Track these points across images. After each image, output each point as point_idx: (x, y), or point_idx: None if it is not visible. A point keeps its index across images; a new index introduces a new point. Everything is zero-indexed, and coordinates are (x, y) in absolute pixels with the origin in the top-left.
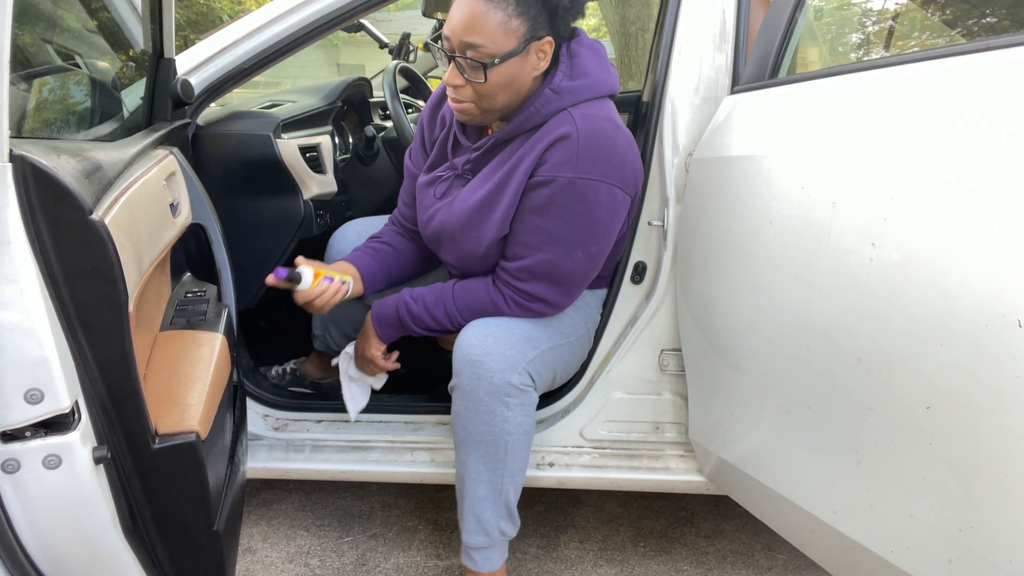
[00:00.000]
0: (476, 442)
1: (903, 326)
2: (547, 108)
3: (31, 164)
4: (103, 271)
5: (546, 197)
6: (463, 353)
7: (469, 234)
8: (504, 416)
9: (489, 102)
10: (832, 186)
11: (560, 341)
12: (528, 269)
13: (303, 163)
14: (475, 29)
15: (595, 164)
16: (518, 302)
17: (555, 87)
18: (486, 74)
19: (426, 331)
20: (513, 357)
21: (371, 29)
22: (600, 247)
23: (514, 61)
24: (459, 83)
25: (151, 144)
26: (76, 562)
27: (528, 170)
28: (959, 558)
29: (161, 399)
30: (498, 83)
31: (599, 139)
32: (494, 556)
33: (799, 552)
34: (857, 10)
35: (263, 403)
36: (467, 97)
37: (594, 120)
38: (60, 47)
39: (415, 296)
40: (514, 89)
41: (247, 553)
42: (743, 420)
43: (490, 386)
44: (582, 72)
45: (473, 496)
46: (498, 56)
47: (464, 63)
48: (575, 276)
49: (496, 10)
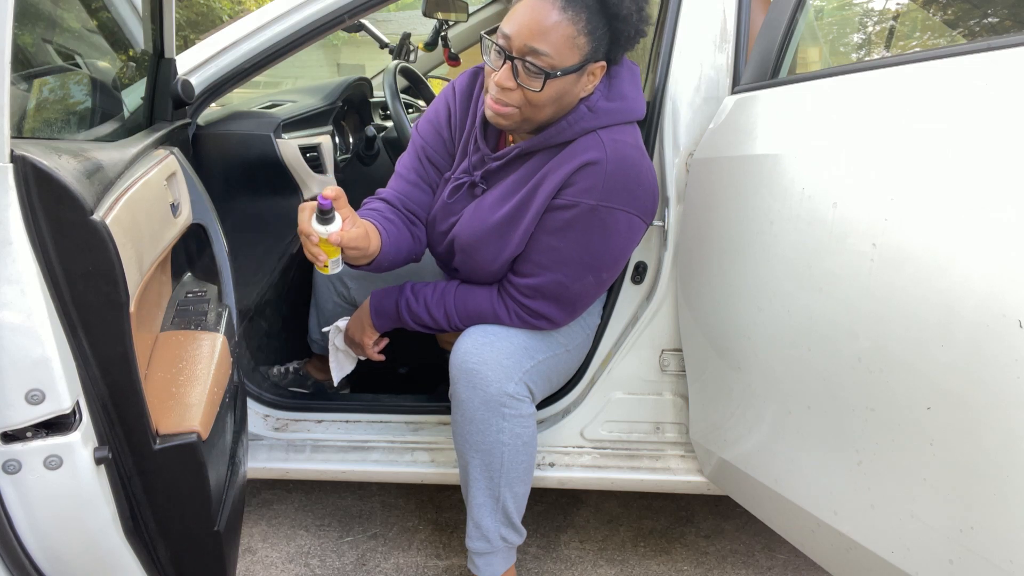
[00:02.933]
0: (473, 450)
1: (904, 326)
2: (579, 126)
3: (32, 164)
4: (104, 271)
5: (565, 220)
6: (459, 361)
7: (486, 249)
8: (499, 427)
9: (534, 112)
10: (833, 186)
11: (558, 351)
12: (537, 288)
13: (303, 163)
14: (545, 37)
15: (619, 193)
16: (521, 316)
17: (591, 105)
18: (544, 83)
19: (422, 328)
20: (510, 367)
21: (371, 29)
22: (611, 273)
23: (570, 78)
24: (511, 86)
25: (152, 144)
26: (77, 562)
27: (552, 191)
28: (960, 558)
29: (162, 399)
30: (550, 96)
31: (626, 168)
32: (496, 563)
33: (799, 552)
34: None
35: (264, 403)
36: (515, 102)
37: (623, 147)
38: (60, 47)
39: (416, 292)
40: (560, 105)
41: (247, 553)
42: (744, 420)
43: (486, 396)
44: (620, 95)
45: (472, 502)
46: (560, 69)
47: (522, 67)
48: (582, 298)
49: (569, 23)
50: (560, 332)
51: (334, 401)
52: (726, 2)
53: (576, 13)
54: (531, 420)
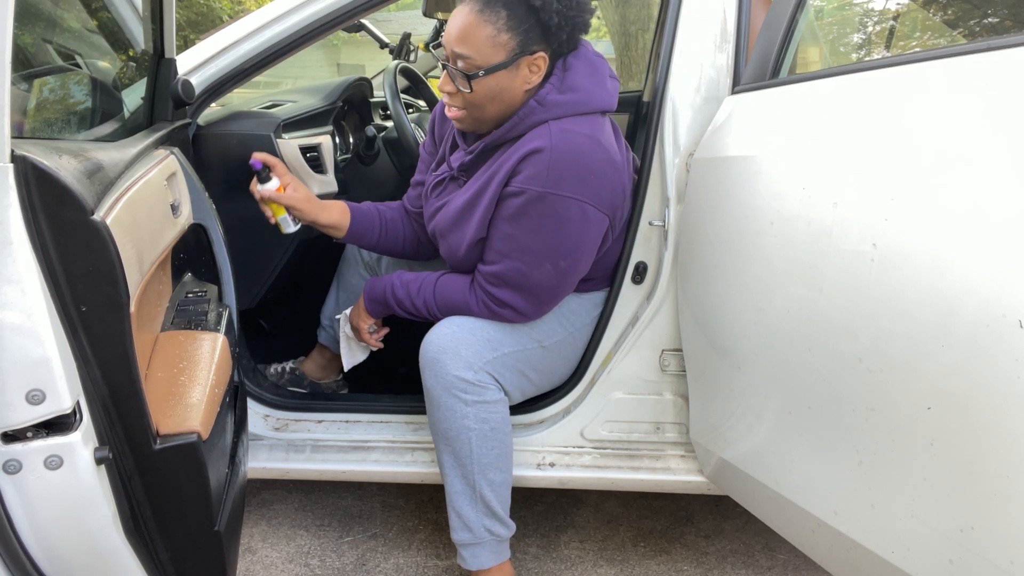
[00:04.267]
0: (442, 437)
1: (904, 326)
2: (529, 119)
3: (33, 164)
4: (104, 271)
5: (517, 207)
6: (425, 351)
7: (452, 235)
8: (463, 412)
9: (478, 111)
10: (833, 186)
11: (529, 346)
12: (498, 275)
13: (304, 163)
14: (464, 40)
15: (567, 181)
16: (488, 305)
17: (540, 99)
18: (471, 84)
19: (409, 315)
20: (468, 357)
21: (371, 29)
22: (569, 262)
23: (502, 74)
24: (450, 90)
25: (152, 144)
26: (77, 562)
27: (503, 179)
28: (960, 558)
29: (162, 399)
30: (485, 94)
31: (573, 156)
32: (483, 555)
33: (799, 552)
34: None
35: (264, 403)
36: (459, 104)
37: (572, 136)
38: (61, 47)
39: (404, 280)
40: (503, 101)
41: (247, 553)
42: (744, 420)
43: (445, 382)
44: (571, 87)
45: (450, 491)
46: (484, 68)
47: (454, 72)
48: (544, 288)
49: (486, 23)
50: (533, 328)
51: (334, 401)
52: (726, 2)
53: (494, 12)
54: (499, 407)
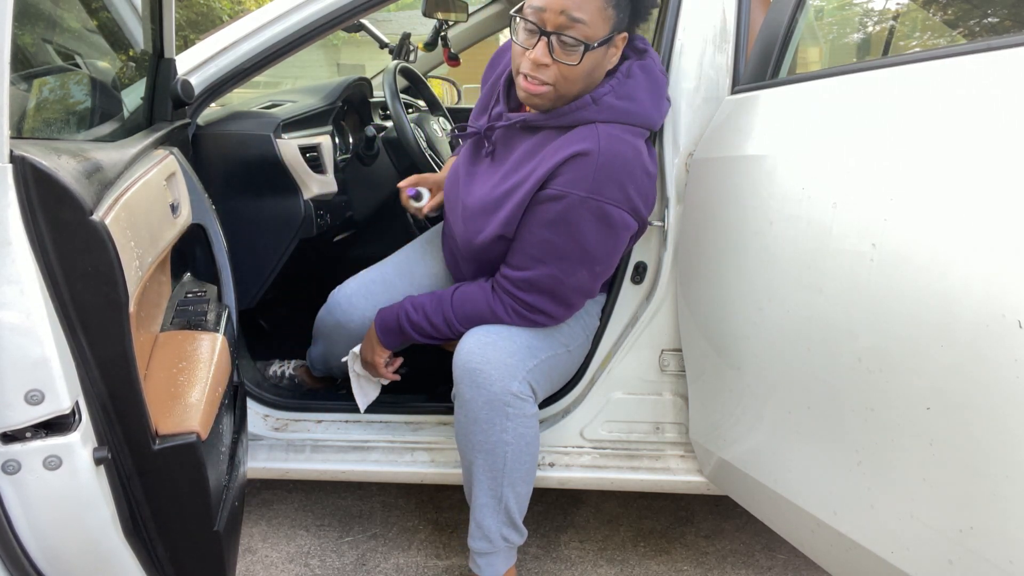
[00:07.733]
0: (476, 451)
1: (903, 326)
2: (579, 113)
3: (32, 165)
4: (104, 272)
5: (558, 212)
6: (462, 361)
7: (474, 222)
8: (503, 426)
9: (568, 87)
10: (833, 186)
11: (559, 351)
12: (531, 281)
13: (303, 163)
14: (581, 6)
15: (611, 188)
16: (519, 312)
17: (596, 97)
18: (583, 56)
19: (427, 339)
20: (513, 366)
21: (371, 29)
22: (604, 267)
23: (602, 50)
24: (547, 62)
25: (151, 144)
26: (76, 563)
27: (542, 177)
28: (959, 559)
29: (161, 400)
30: (586, 69)
31: (620, 162)
32: (498, 563)
33: (799, 552)
34: (858, 10)
35: (263, 403)
36: (549, 79)
37: (619, 144)
38: (60, 47)
39: (415, 304)
40: (591, 80)
41: (247, 553)
42: (744, 420)
43: (489, 395)
44: (630, 95)
45: (475, 503)
46: (596, 40)
47: (557, 42)
48: (577, 293)
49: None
50: (561, 331)
51: (334, 401)
52: (726, 2)
53: None
54: (534, 420)
